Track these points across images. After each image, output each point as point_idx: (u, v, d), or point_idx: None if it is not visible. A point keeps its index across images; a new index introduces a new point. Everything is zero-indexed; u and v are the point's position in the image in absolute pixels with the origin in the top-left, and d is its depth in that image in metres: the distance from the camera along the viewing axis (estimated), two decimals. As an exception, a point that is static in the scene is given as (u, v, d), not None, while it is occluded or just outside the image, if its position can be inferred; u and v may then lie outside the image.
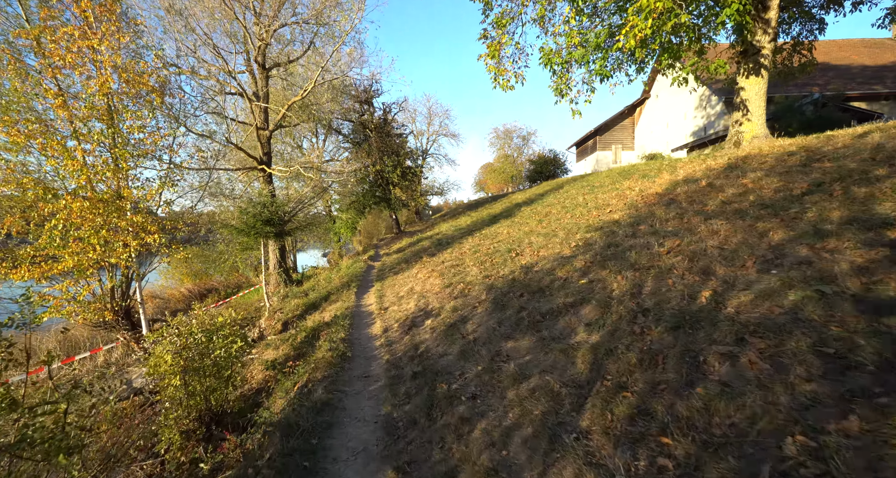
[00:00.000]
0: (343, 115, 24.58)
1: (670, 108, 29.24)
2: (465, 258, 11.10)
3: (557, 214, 12.37)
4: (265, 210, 15.29)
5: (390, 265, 15.82)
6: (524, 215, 14.96)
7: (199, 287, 21.68)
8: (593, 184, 15.38)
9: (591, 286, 5.62)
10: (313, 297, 14.29)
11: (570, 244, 8.14)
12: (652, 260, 5.56)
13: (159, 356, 6.78)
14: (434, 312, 7.84)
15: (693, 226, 6.40)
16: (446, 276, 10.03)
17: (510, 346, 5.04)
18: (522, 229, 12.07)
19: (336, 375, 6.21)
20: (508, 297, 6.73)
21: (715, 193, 7.81)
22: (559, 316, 5.19)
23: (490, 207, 23.42)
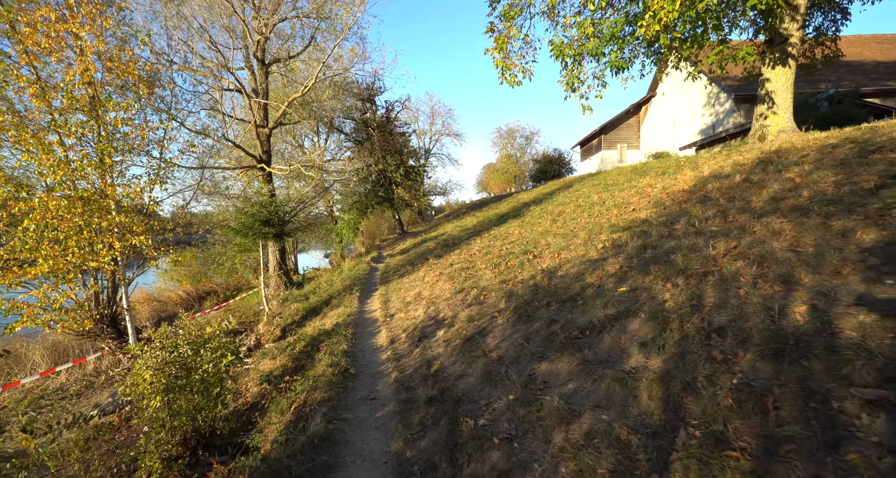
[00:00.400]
0: (345, 114, 23.73)
1: (677, 106, 28.36)
2: (476, 261, 10.22)
3: (572, 214, 11.49)
4: (264, 210, 14.43)
5: (394, 267, 14.94)
6: (535, 215, 14.09)
7: (198, 290, 20.82)
8: (606, 182, 14.49)
9: (635, 295, 4.74)
10: (314, 301, 13.42)
11: (596, 246, 7.25)
12: (706, 265, 4.68)
13: (137, 374, 5.92)
14: (446, 322, 6.96)
15: (744, 225, 5.51)
16: (457, 280, 9.15)
17: (545, 369, 4.16)
18: (536, 230, 11.19)
19: (337, 397, 5.33)
20: (533, 306, 5.85)
21: (756, 189, 6.93)
22: (602, 332, 4.30)
23: (495, 207, 22.54)
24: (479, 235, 14.55)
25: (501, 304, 6.50)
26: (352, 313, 9.64)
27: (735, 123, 24.25)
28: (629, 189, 11.50)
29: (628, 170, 15.94)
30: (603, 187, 13.80)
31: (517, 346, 4.86)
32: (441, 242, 16.29)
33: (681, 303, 4.11)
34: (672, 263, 5.11)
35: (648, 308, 4.30)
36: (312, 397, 5.57)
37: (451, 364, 5.32)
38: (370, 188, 24.84)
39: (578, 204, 12.51)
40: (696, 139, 26.52)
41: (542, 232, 10.48)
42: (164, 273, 23.15)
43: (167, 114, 10.24)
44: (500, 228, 14.31)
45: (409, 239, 21.91)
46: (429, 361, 5.74)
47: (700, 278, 4.45)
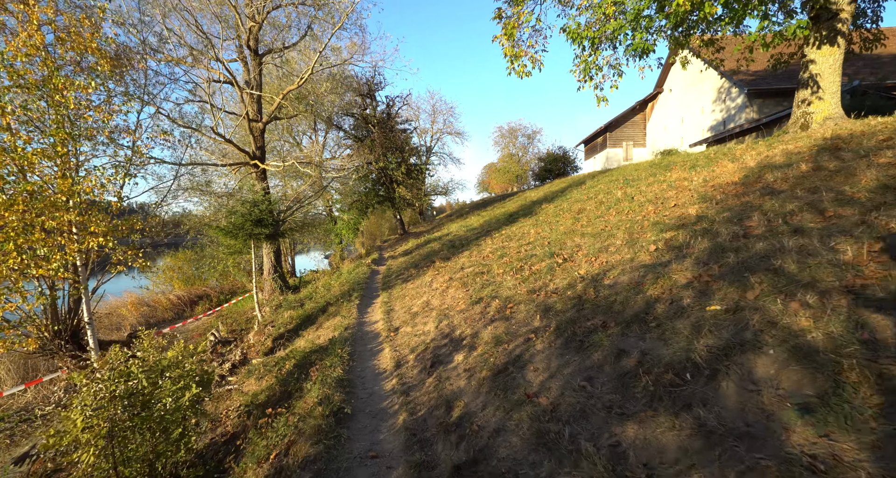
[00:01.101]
0: (344, 110, 22.26)
1: (686, 103, 26.95)
2: (492, 264, 8.75)
3: (595, 211, 10.05)
4: (255, 209, 12.95)
5: (397, 270, 13.48)
6: (549, 213, 12.63)
7: (190, 294, 19.32)
8: (625, 177, 13.03)
9: (740, 318, 3.28)
10: (309, 308, 11.96)
11: (646, 248, 5.79)
12: (845, 275, 3.24)
13: (67, 417, 4.45)
14: (465, 342, 5.50)
15: (864, 219, 4.07)
16: (471, 287, 7.69)
17: (635, 436, 2.70)
18: (557, 229, 9.73)
19: (327, 454, 3.86)
20: (582, 327, 4.39)
21: (843, 178, 5.48)
22: (715, 378, 2.85)
23: (501, 206, 21.08)
24: (488, 235, 13.09)
25: (536, 321, 5.04)
26: (350, 325, 8.17)
27: (748, 119, 22.87)
28: (658, 184, 10.06)
29: (646, 165, 14.50)
30: (623, 183, 12.35)
31: (576, 390, 3.39)
32: (447, 242, 14.83)
33: (836, 335, 2.67)
34: (781, 272, 3.65)
35: (778, 340, 2.85)
36: (296, 450, 4.11)
37: (481, 408, 3.85)
38: (370, 187, 23.37)
39: (600, 201, 11.06)
40: (706, 136, 25.14)
41: (565, 232, 9.01)
42: (157, 276, 21.65)
43: (139, 100, 8.74)
44: (512, 227, 12.86)
45: (411, 239, 20.47)
46: (448, 399, 4.28)
47: (848, 296, 3.00)
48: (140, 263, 7.55)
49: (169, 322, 17.51)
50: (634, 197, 9.67)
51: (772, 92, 22.42)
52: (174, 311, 18.37)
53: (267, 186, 16.53)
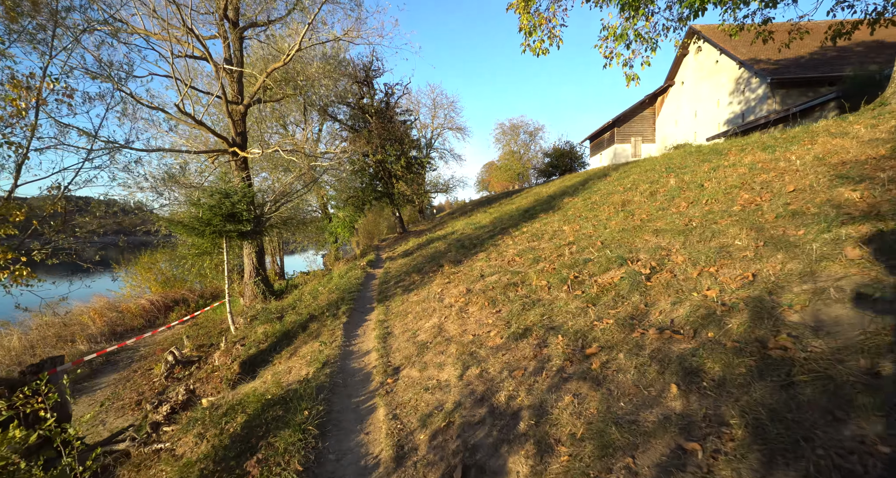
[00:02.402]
0: (339, 98, 19.56)
1: (699, 95, 24.47)
2: (526, 272, 6.11)
3: (650, 202, 7.47)
4: (226, 201, 10.27)
5: (397, 275, 10.84)
6: (579, 207, 10.03)
7: (165, 298, 16.60)
8: (669, 166, 10.46)
9: None
10: (289, 321, 9.33)
11: (836, 252, 3.20)
12: None
13: None
14: (521, 425, 2.86)
15: None
16: (503, 306, 5.10)
17: None
18: (605, 225, 7.10)
19: None
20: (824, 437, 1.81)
21: None
22: None
23: (509, 203, 18.46)
24: (504, 233, 10.48)
25: (672, 398, 2.46)
26: (331, 359, 5.54)
27: (769, 110, 20.39)
28: (725, 169, 7.50)
29: (680, 154, 11.94)
30: (667, 171, 9.79)
31: None
32: (454, 242, 12.20)
33: None
34: None
35: None
36: None
37: None
38: (367, 182, 20.72)
39: (647, 191, 8.47)
40: (723, 130, 22.67)
41: (621, 228, 6.40)
42: (133, 278, 18.87)
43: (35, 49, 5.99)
44: (533, 223, 10.25)
45: (411, 239, 17.84)
46: None
47: None
48: (20, 272, 4.85)
49: (137, 331, 14.79)
50: (704, 184, 7.08)
51: (797, 81, 19.96)
52: (146, 317, 15.65)
53: (248, 176, 13.83)
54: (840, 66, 20.17)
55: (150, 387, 8.88)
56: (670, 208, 6.50)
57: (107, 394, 9.20)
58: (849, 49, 21.40)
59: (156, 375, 9.34)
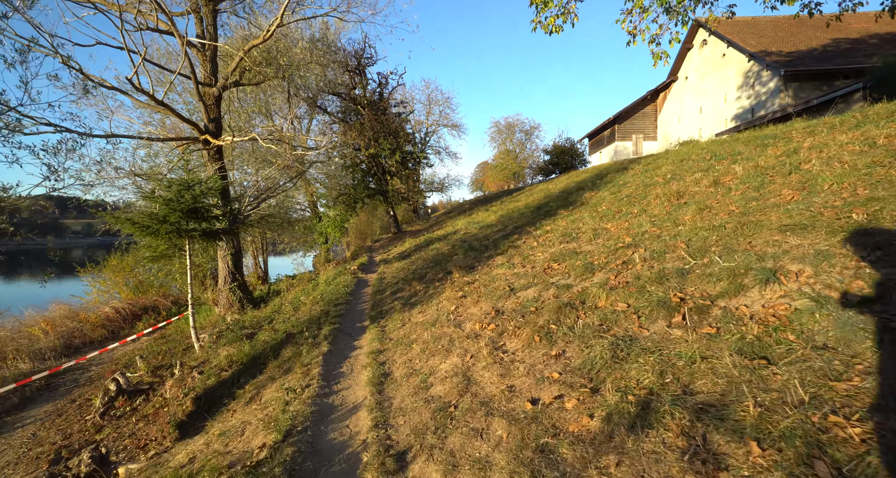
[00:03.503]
0: (329, 88, 17.43)
1: (705, 90, 22.83)
2: (586, 287, 4.08)
3: (717, 194, 5.57)
4: (186, 194, 8.18)
5: (393, 282, 8.81)
6: (610, 202, 8.09)
7: (133, 305, 14.30)
8: (715, 153, 8.60)
9: None
10: (261, 341, 7.28)
11: None
12: None
13: None
14: None
15: None
16: (566, 343, 3.12)
17: None
18: (675, 223, 5.13)
19: None
20: None
21: None
22: None
23: (513, 200, 16.51)
24: (522, 232, 8.52)
25: None
26: (299, 420, 3.48)
27: (781, 105, 18.76)
28: (820, 149, 5.63)
29: (703, 145, 10.10)
30: (715, 158, 7.94)
31: None
32: (458, 243, 10.20)
33: None
34: None
35: None
36: None
37: None
38: (360, 179, 18.63)
39: (711, 180, 6.55)
40: (730, 126, 21.03)
41: (708, 225, 4.45)
42: (101, 283, 16.52)
43: None
44: (556, 221, 8.30)
45: (407, 239, 15.81)
46: None
47: None
48: None
49: (97, 345, 12.57)
50: (802, 166, 5.19)
51: (811, 74, 18.33)
52: (110, 328, 13.41)
53: (223, 168, 11.69)
54: (856, 58, 18.60)
55: (81, 427, 6.76)
56: (769, 198, 4.59)
57: (27, 434, 7.05)
58: (863, 41, 19.87)
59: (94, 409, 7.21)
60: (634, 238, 5.08)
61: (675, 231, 4.75)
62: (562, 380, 2.74)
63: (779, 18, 22.59)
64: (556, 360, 3.03)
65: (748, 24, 22.21)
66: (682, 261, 3.80)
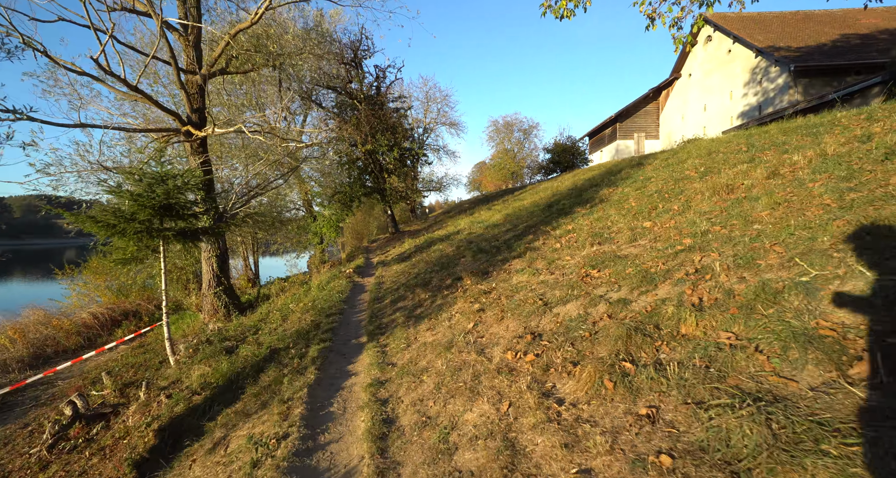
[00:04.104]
0: (325, 78, 16.26)
1: (709, 87, 21.88)
2: (657, 306, 2.99)
3: (783, 186, 4.53)
4: (158, 189, 7.05)
5: (393, 287, 7.70)
6: (637, 199, 7.02)
7: (112, 310, 13.03)
8: (752, 144, 7.58)
9: None
10: (242, 358, 6.17)
11: None
12: None
13: None
14: None
15: None
16: (665, 397, 2.06)
17: None
18: (747, 220, 4.07)
19: None
20: None
21: None
22: None
23: (517, 199, 15.45)
24: (538, 232, 7.44)
25: None
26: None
27: (791, 101, 17.85)
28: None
29: (727, 138, 9.09)
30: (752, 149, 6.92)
31: None
32: (464, 244, 9.10)
33: None
34: None
35: None
36: None
37: None
38: (356, 176, 17.49)
39: (768, 171, 5.51)
40: (736, 123, 20.11)
41: (802, 224, 3.42)
42: (82, 286, 15.25)
43: None
44: (576, 220, 7.23)
45: (406, 240, 14.69)
46: None
47: None
48: None
49: (71, 354, 11.37)
50: (885, 159, 4.16)
51: (821, 70, 17.39)
52: (87, 334, 12.19)
53: (207, 161, 10.55)
54: (867, 54, 17.72)
55: (24, 463, 5.61)
56: (872, 188, 3.55)
57: (-38, 472, 5.85)
58: (873, 37, 19.02)
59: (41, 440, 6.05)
60: (695, 239, 4.01)
61: (752, 230, 3.69)
62: (681, 472, 1.66)
63: (785, 14, 21.72)
64: (651, 425, 1.96)
65: (754, 20, 21.31)
66: (789, 269, 2.74)
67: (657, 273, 3.58)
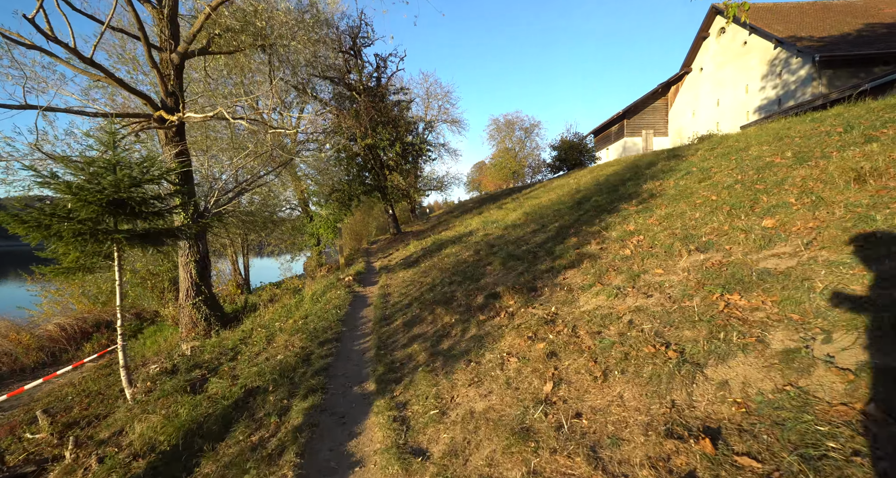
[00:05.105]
0: (322, 70, 14.55)
1: (722, 81, 20.39)
2: None
3: None
4: (106, 179, 5.32)
5: (402, 300, 6.05)
6: (710, 191, 5.42)
7: (83, 321, 11.26)
8: (849, 123, 5.99)
9: None
10: (209, 398, 4.46)
11: None
12: None
13: None
14: None
15: None
16: None
17: None
18: None
19: None
20: None
21: None
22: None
23: (530, 197, 13.82)
24: (579, 234, 5.83)
25: None
26: None
27: (815, 93, 16.39)
28: None
29: (774, 129, 7.54)
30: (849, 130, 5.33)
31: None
32: (483, 247, 7.45)
33: None
34: None
35: None
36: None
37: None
38: (355, 173, 15.82)
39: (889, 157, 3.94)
40: (753, 119, 18.62)
41: None
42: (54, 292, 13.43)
43: None
44: (631, 219, 5.61)
45: (411, 241, 13.02)
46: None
47: None
48: None
49: (29, 374, 9.64)
50: None
51: (847, 60, 15.91)
52: (51, 349, 10.44)
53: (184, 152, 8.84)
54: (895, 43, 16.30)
55: None
56: None
57: None
58: (899, 26, 17.61)
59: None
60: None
61: None
62: None
63: (803, 5, 20.23)
64: None
65: (770, 11, 19.81)
66: None
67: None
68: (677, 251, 3.76)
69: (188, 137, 13.62)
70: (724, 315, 2.47)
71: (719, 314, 2.50)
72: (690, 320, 2.54)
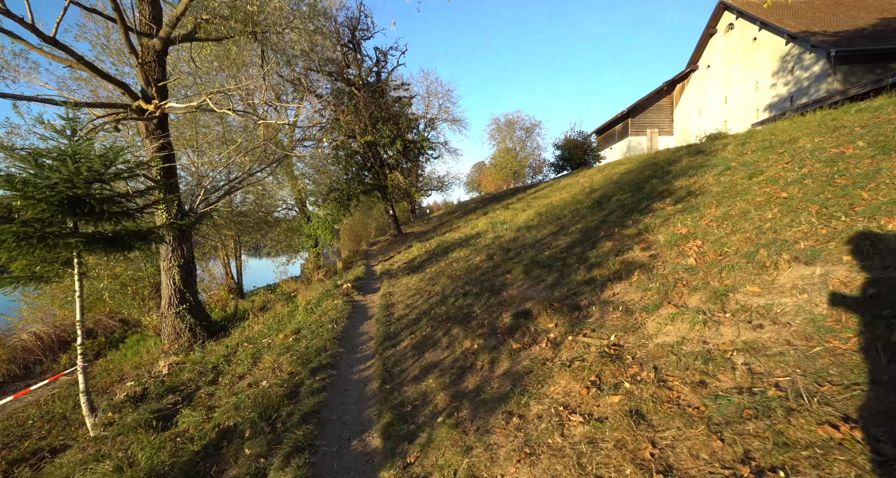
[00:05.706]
0: (320, 64, 13.61)
1: (730, 78, 19.56)
2: None
3: None
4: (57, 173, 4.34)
5: (409, 314, 5.14)
6: (772, 187, 4.56)
7: (61, 329, 10.29)
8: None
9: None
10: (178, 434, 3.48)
11: None
12: None
13: None
14: None
15: None
16: None
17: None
18: None
19: None
20: None
21: None
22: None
23: (538, 197, 12.93)
24: (612, 238, 4.95)
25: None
26: None
27: (829, 90, 15.55)
28: None
29: (812, 122, 6.67)
30: None
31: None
32: (497, 251, 6.55)
33: None
34: None
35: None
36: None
37: None
38: (354, 172, 14.89)
39: None
40: (763, 117, 17.81)
41: None
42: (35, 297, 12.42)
43: None
44: (676, 220, 4.73)
45: (413, 243, 12.08)
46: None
47: None
48: None
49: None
50: None
51: (863, 56, 15.08)
52: (24, 361, 9.48)
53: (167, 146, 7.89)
54: (883, 41, 15.49)
55: None
56: None
57: None
58: (915, 21, 16.82)
59: None
60: None
61: None
62: None
63: (814, 0, 19.41)
64: None
65: (780, 6, 18.97)
66: None
67: None
68: (768, 262, 2.87)
69: (178, 133, 12.62)
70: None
71: None
72: (855, 371, 1.65)
